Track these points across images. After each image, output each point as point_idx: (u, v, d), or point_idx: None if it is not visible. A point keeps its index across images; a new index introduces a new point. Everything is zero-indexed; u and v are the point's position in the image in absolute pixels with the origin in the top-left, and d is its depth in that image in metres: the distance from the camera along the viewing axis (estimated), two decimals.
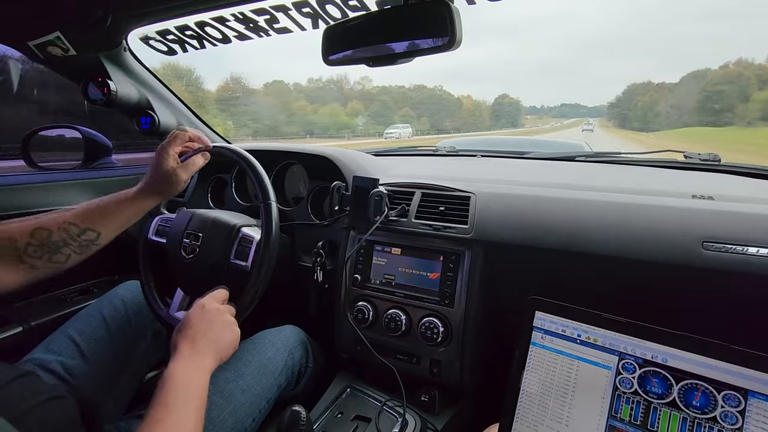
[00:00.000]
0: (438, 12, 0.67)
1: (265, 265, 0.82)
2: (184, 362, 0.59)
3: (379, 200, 0.91)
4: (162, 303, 0.92)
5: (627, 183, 0.94)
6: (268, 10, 0.94)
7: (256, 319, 0.91)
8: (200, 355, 0.61)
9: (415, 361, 0.89)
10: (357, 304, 0.93)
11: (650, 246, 0.73)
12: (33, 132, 1.25)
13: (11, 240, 0.67)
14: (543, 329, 0.65)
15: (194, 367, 0.59)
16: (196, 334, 0.63)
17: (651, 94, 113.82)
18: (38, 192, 1.15)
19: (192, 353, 0.60)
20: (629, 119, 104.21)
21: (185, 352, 0.60)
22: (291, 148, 1.17)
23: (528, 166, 1.27)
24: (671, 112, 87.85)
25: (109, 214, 0.76)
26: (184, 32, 1.06)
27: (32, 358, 0.79)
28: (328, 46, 0.78)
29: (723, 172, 1.04)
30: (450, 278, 0.86)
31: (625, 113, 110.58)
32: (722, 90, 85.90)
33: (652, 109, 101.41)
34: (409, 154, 1.54)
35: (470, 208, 0.89)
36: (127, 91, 1.16)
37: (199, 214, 0.93)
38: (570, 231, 0.80)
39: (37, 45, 0.97)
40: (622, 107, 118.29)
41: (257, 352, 0.86)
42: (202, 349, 0.61)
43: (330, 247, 1.02)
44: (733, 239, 0.68)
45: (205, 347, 0.62)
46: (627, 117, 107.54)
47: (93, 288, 1.24)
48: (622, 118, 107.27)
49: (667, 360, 0.55)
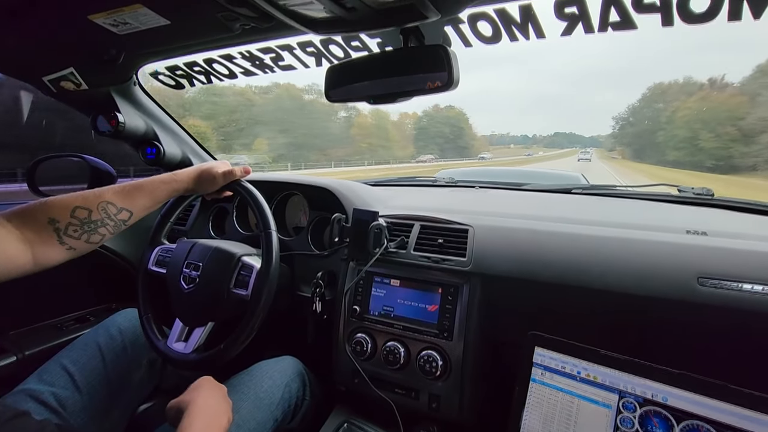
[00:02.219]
0: (436, 55, 0.70)
1: (265, 294, 0.83)
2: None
3: (378, 233, 0.92)
4: (160, 334, 0.91)
5: (623, 217, 0.96)
6: (274, 48, 0.98)
7: (254, 349, 0.90)
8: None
9: (414, 396, 0.88)
10: (355, 336, 0.93)
11: (647, 281, 0.74)
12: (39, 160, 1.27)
13: (52, 221, 0.68)
14: (543, 365, 0.65)
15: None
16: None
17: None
18: None
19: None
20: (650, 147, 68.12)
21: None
22: (292, 179, 1.19)
23: (525, 198, 1.29)
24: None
25: (145, 192, 0.80)
26: (192, 68, 1.10)
27: (24, 389, 0.78)
28: (331, 84, 0.82)
29: (716, 206, 1.06)
30: (449, 311, 0.86)
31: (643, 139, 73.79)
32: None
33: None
34: (408, 184, 1.57)
35: (468, 240, 0.90)
36: (134, 123, 1.19)
37: (200, 244, 0.94)
38: (567, 265, 0.80)
39: (51, 80, 1.01)
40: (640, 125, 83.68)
41: (254, 384, 0.85)
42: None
43: (329, 278, 1.03)
44: (727, 275, 0.69)
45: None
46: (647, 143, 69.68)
47: (90, 316, 1.24)
48: (638, 147, 75.21)
49: (668, 399, 0.54)
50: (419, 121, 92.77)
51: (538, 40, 0.78)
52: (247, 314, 0.83)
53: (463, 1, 0.68)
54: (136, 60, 1.03)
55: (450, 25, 0.80)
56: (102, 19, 0.77)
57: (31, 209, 0.67)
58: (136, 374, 0.92)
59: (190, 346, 0.87)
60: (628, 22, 0.68)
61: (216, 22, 0.79)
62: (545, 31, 0.75)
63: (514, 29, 0.76)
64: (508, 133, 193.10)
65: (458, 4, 0.68)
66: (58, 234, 0.68)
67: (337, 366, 0.97)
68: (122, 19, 0.78)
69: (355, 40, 0.89)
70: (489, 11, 0.74)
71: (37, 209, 0.68)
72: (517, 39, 0.77)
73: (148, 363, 0.95)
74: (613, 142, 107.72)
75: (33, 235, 0.66)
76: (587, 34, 0.72)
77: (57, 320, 1.19)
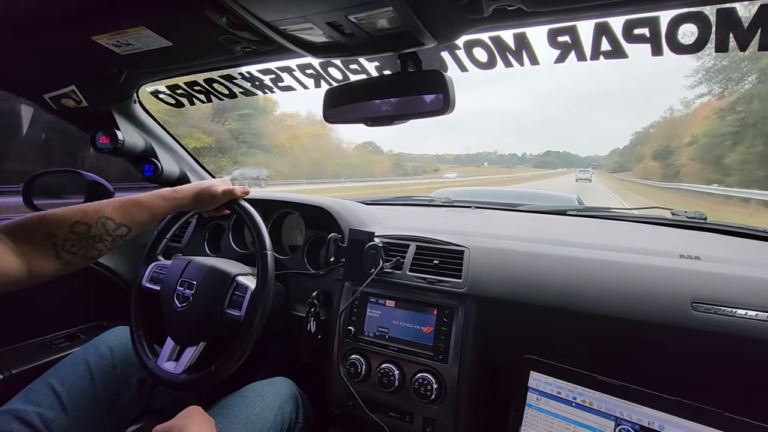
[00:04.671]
0: (433, 79, 0.72)
1: (258, 315, 0.82)
2: None
3: (374, 253, 0.92)
4: (151, 352, 0.90)
5: (617, 240, 0.96)
6: (274, 70, 1.00)
7: (246, 370, 0.89)
8: None
9: (408, 420, 0.87)
10: (350, 357, 0.91)
11: (642, 306, 0.74)
12: (36, 175, 1.27)
13: (50, 236, 0.67)
14: (538, 390, 0.64)
15: None
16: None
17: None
18: None
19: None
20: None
21: None
22: (289, 198, 1.20)
23: (521, 219, 1.30)
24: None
25: (145, 208, 0.79)
26: (192, 87, 1.12)
27: (9, 409, 0.76)
28: (330, 105, 0.83)
29: (709, 230, 1.07)
30: (444, 332, 0.86)
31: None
32: None
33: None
34: (404, 203, 1.57)
35: (464, 262, 0.90)
36: (133, 140, 1.20)
37: (195, 262, 0.94)
38: (563, 288, 0.81)
39: (52, 97, 1.02)
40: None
41: (245, 406, 0.83)
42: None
43: (324, 298, 1.02)
44: (721, 301, 0.69)
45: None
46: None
47: (80, 334, 1.22)
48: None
49: (664, 427, 0.54)
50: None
51: (533, 66, 0.80)
52: (239, 336, 0.82)
53: (459, 29, 0.70)
54: (137, 79, 1.05)
55: (447, 50, 0.82)
56: (105, 39, 0.79)
57: (28, 223, 0.67)
58: (125, 394, 0.91)
59: (180, 366, 0.86)
60: (619, 51, 0.70)
61: (217, 44, 0.80)
62: (539, 58, 0.77)
63: (508, 56, 0.78)
64: (496, 152, 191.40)
65: (454, 31, 0.70)
66: (55, 249, 0.67)
67: (330, 388, 0.96)
68: (125, 41, 0.80)
69: (354, 63, 0.91)
70: (484, 38, 0.77)
71: (35, 223, 0.67)
72: (512, 65, 0.80)
73: (138, 382, 0.93)
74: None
75: (30, 249, 0.65)
76: (580, 61, 0.74)
77: (46, 338, 1.16)
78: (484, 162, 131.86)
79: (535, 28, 0.72)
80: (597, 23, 0.67)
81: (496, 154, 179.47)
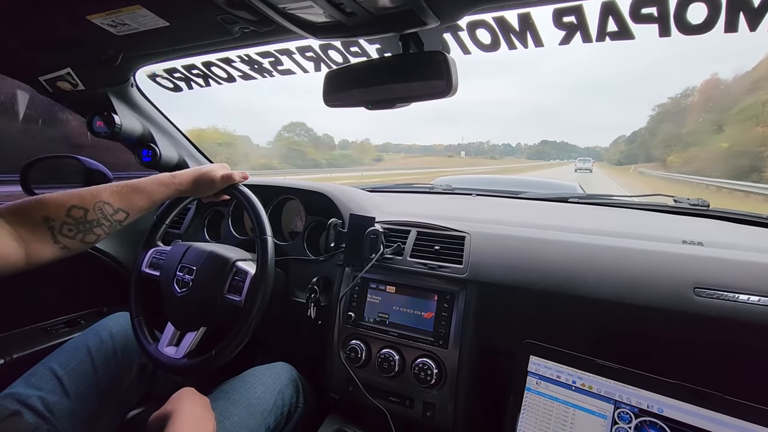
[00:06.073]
0: (435, 61, 0.70)
1: (259, 300, 0.82)
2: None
3: (375, 238, 0.91)
4: (151, 337, 0.90)
5: (619, 226, 0.96)
6: (273, 53, 0.98)
7: (246, 355, 0.89)
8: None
9: (408, 404, 0.87)
10: (350, 343, 0.92)
11: (644, 291, 0.73)
12: (34, 161, 1.26)
13: (47, 219, 0.67)
14: (538, 374, 0.64)
15: None
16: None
17: None
18: None
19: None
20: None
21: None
22: (289, 184, 1.19)
23: (522, 206, 1.29)
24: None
25: (143, 193, 0.79)
26: (190, 71, 1.10)
27: (11, 393, 0.77)
28: (330, 89, 0.82)
29: (711, 217, 1.06)
30: (444, 318, 0.86)
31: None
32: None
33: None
34: (405, 191, 1.56)
35: (465, 247, 0.90)
36: (131, 125, 1.19)
37: (195, 247, 0.93)
38: (564, 274, 0.80)
39: (47, 80, 1.01)
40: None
41: (246, 390, 0.84)
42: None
43: (324, 284, 1.02)
44: (723, 286, 0.69)
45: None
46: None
47: (80, 320, 1.22)
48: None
49: (664, 410, 0.54)
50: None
51: (537, 48, 0.78)
52: (239, 321, 0.82)
53: (463, 8, 0.68)
54: (134, 61, 1.03)
55: (449, 32, 0.80)
56: (100, 19, 0.77)
57: (26, 206, 0.66)
58: (126, 379, 0.91)
59: (181, 350, 0.86)
60: (626, 32, 0.68)
61: (215, 24, 0.79)
62: (543, 40, 0.75)
63: (512, 37, 0.77)
64: (488, 142, 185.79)
65: (457, 10, 0.68)
66: (52, 233, 0.67)
67: (331, 373, 0.96)
68: (121, 20, 0.78)
69: (354, 45, 0.89)
70: (488, 19, 0.75)
71: (33, 206, 0.67)
72: (515, 47, 0.78)
73: (139, 368, 0.93)
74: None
75: (27, 232, 0.65)
76: (585, 43, 0.73)
77: (47, 323, 1.16)
78: (462, 152, 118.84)
79: (540, 9, 0.70)
80: (604, 2, 0.65)
81: (489, 144, 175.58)
